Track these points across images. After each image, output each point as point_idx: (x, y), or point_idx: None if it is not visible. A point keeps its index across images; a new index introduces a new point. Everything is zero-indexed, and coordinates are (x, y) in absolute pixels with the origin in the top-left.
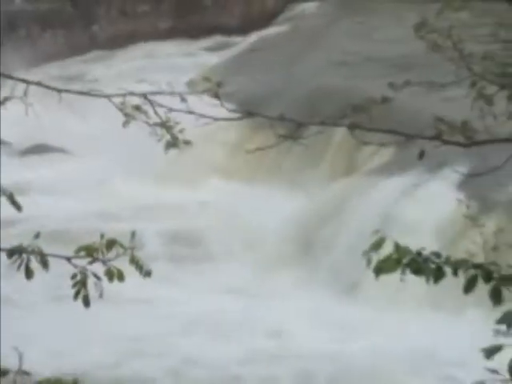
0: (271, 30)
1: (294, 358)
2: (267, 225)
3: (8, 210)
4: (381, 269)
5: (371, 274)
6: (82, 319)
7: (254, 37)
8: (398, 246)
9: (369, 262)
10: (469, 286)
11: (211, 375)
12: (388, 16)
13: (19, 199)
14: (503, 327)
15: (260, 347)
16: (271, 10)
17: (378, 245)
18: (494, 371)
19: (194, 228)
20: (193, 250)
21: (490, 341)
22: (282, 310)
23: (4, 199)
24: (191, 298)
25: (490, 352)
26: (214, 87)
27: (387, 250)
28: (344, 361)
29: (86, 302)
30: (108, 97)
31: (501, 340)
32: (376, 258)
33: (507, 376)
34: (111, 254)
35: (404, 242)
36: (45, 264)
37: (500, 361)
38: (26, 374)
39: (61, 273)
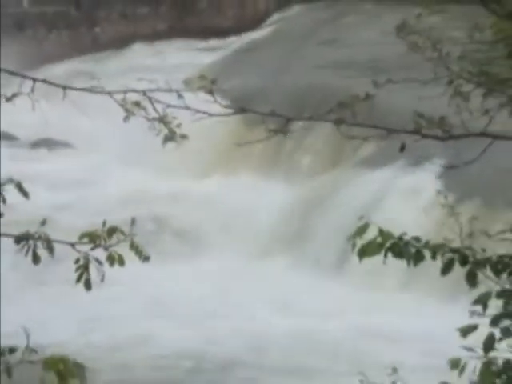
0: (262, 32)
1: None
2: (259, 213)
3: None
4: (364, 252)
5: (354, 258)
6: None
7: (246, 38)
8: (381, 231)
9: (353, 246)
10: (446, 269)
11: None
12: (368, 17)
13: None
14: (479, 308)
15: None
16: (263, 12)
17: (362, 230)
18: (470, 349)
19: (187, 216)
20: (186, 238)
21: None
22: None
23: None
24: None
25: (466, 331)
26: (209, 85)
27: (370, 235)
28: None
29: (88, 286)
30: (109, 93)
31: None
32: (360, 242)
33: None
34: (112, 241)
35: (387, 224)
36: (50, 250)
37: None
38: (34, 351)
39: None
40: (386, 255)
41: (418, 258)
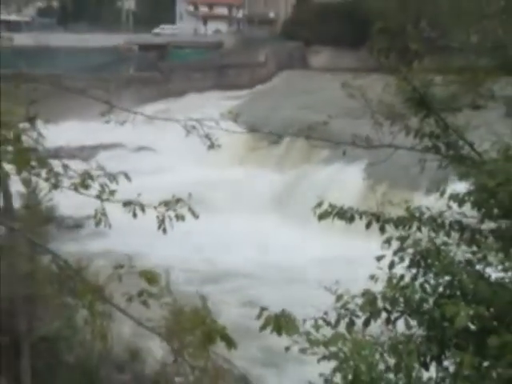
0: (265, 86)
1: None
2: (261, 189)
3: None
4: (321, 217)
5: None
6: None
7: (255, 90)
8: (330, 204)
9: (314, 213)
10: (368, 225)
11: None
12: (328, 80)
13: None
14: (386, 245)
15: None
16: (266, 75)
17: (319, 205)
18: (381, 268)
19: (214, 191)
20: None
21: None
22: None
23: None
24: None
25: (379, 258)
26: (234, 117)
27: (325, 206)
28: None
29: (164, 231)
30: (177, 121)
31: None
32: (318, 211)
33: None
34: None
35: (335, 197)
36: (143, 211)
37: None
38: (134, 266)
39: None
40: (333, 218)
41: (351, 219)
